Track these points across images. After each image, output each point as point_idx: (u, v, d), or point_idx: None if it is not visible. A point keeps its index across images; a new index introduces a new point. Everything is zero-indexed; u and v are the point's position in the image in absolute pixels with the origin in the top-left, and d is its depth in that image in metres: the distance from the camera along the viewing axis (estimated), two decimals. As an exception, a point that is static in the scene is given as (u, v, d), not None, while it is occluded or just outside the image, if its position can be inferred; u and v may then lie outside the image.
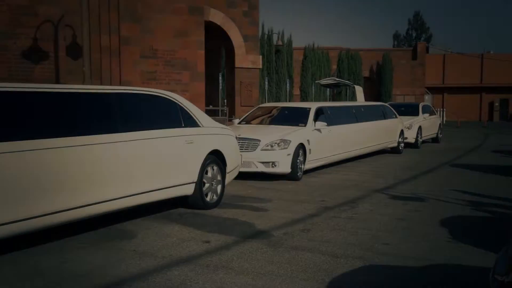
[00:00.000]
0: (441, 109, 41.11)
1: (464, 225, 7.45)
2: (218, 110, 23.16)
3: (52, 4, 15.98)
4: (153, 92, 7.79)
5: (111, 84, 16.53)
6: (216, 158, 8.44)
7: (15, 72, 15.64)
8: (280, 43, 31.13)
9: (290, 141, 11.31)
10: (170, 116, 7.80)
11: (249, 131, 11.87)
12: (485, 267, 5.44)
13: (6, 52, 15.56)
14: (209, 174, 8.30)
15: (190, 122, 8.06)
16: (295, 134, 11.64)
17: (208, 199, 8.28)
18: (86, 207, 6.24)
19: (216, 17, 22.01)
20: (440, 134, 22.75)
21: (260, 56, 23.95)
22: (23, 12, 15.68)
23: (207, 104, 22.05)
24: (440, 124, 22.91)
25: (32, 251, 5.89)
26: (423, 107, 21.37)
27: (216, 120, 9.55)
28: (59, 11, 16.07)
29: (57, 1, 16.03)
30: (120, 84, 16.52)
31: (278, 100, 30.41)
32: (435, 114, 22.72)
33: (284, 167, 11.16)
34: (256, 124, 13.21)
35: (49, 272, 5.22)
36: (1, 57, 15.52)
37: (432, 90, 48.48)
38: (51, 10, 15.97)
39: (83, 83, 13.02)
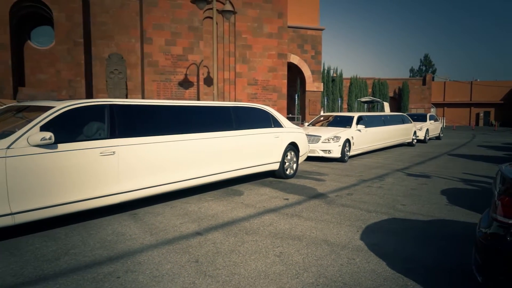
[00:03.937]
0: (442, 118, 38.76)
1: (458, 194, 6.91)
2: (295, 117, 23.08)
3: (196, 53, 16.53)
4: (255, 105, 7.81)
5: (229, 101, 16.89)
6: (293, 147, 8.34)
7: (174, 95, 16.36)
8: (334, 75, 30.45)
9: (340, 137, 10.99)
10: (265, 120, 7.79)
11: (314, 130, 11.66)
12: (472, 223, 5.03)
13: (170, 83, 16.29)
14: (288, 157, 8.23)
15: (277, 124, 8.02)
16: (343, 133, 11.29)
17: (287, 172, 8.21)
18: (220, 174, 6.49)
19: (294, 59, 21.88)
20: (441, 134, 21.29)
21: (322, 83, 23.52)
22: (179, 59, 16.33)
23: (287, 113, 22.02)
24: (441, 127, 21.43)
25: (182, 201, 6.12)
26: (430, 116, 20.13)
27: (294, 124, 9.45)
28: (200, 57, 16.59)
29: (199, 51, 16.55)
30: (235, 101, 16.83)
31: (332, 111, 29.78)
32: (438, 121, 21.27)
33: (336, 153, 10.87)
34: (319, 126, 12.93)
35: (192, 213, 5.39)
36: (166, 86, 16.27)
37: (436, 105, 45.56)
38: (195, 57, 16.52)
39: (213, 100, 13.37)
